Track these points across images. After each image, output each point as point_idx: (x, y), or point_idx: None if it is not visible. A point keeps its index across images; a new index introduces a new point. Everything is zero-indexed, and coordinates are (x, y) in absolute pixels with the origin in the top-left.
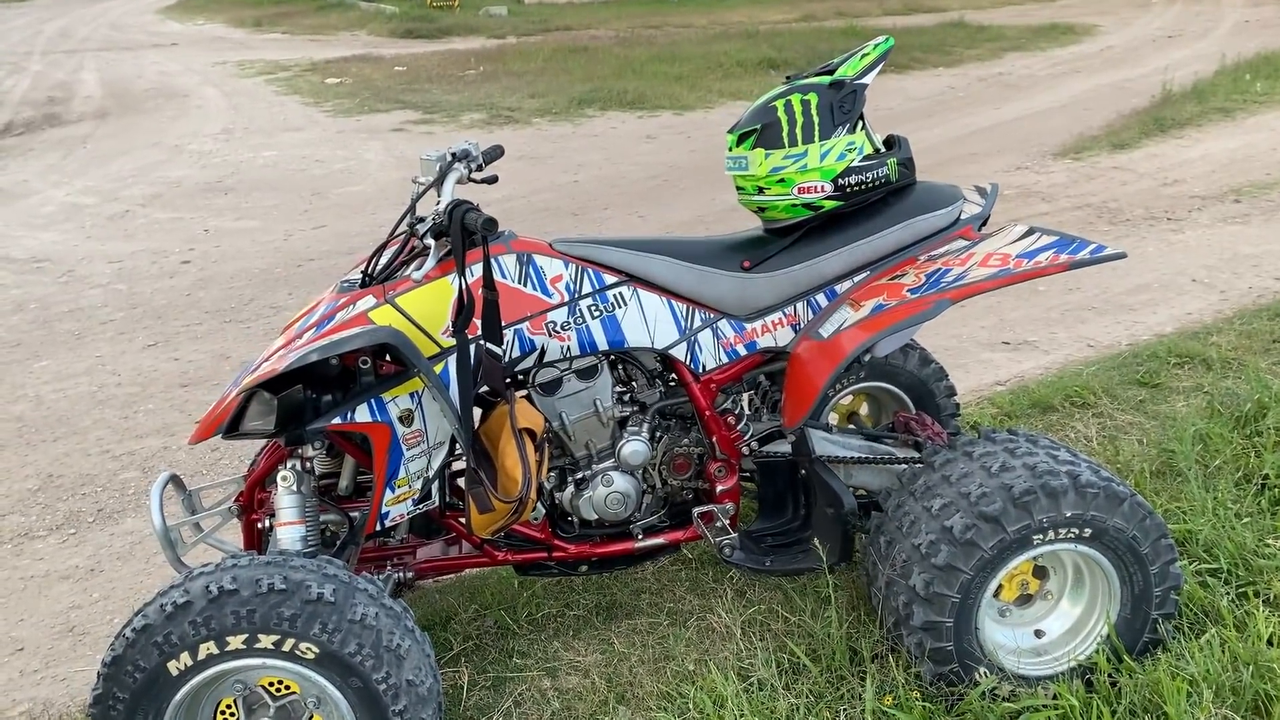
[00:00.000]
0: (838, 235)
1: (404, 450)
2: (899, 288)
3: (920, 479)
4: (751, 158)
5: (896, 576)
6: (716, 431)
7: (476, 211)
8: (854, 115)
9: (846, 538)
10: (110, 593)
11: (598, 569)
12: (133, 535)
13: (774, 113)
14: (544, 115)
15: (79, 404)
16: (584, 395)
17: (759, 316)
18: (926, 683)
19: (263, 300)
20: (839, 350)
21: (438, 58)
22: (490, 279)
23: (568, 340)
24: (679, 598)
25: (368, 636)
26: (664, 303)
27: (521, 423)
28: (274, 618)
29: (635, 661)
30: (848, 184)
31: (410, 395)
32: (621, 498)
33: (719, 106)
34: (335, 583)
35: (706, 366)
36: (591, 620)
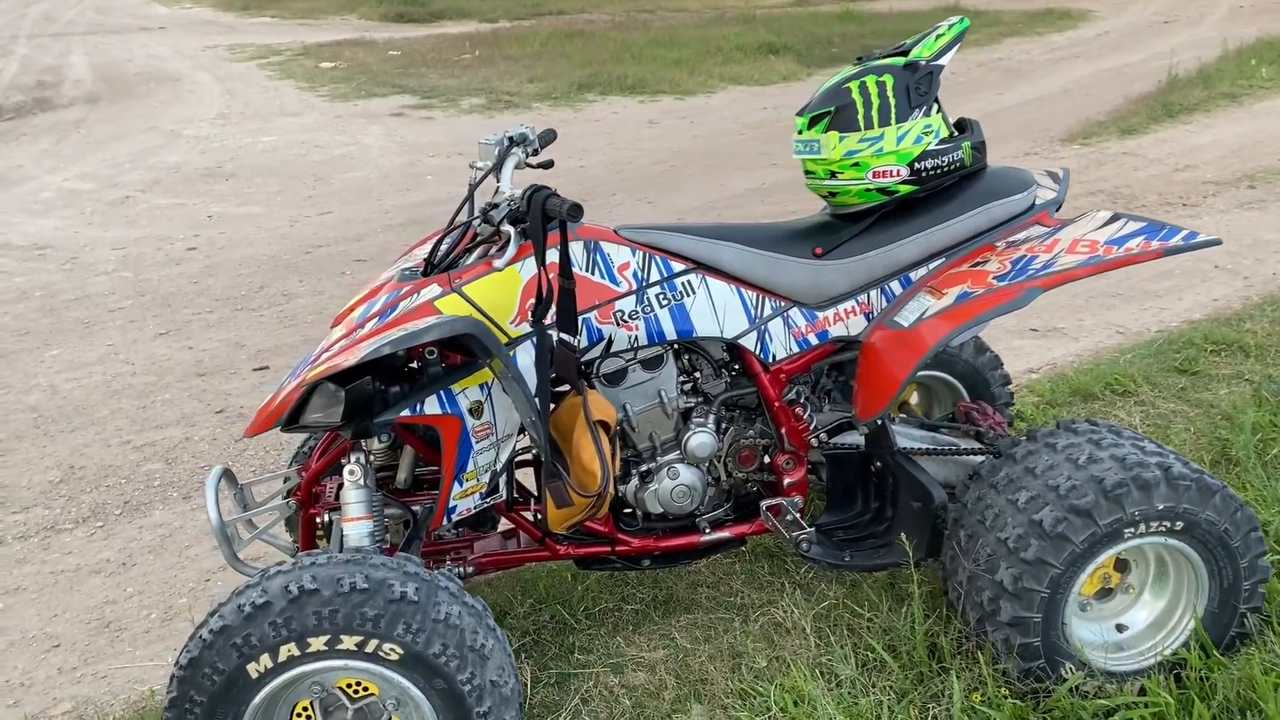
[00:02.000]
0: (912, 221)
1: (473, 443)
2: (983, 275)
3: (1001, 471)
4: (824, 141)
5: (981, 571)
6: (785, 423)
7: (557, 197)
8: (930, 97)
9: (935, 532)
10: (145, 587)
11: (661, 563)
12: (163, 528)
13: (848, 94)
14: (544, 100)
15: (94, 394)
16: (648, 386)
17: (831, 305)
18: (1013, 679)
19: (273, 288)
20: (923, 340)
21: (431, 42)
22: (568, 267)
23: (635, 330)
24: (736, 591)
25: (452, 636)
26: (733, 291)
27: (595, 415)
28: (356, 618)
29: (704, 657)
30: (924, 168)
31: (480, 387)
32: (687, 490)
33: (719, 91)
34: (417, 581)
35: (776, 356)
36: (650, 615)
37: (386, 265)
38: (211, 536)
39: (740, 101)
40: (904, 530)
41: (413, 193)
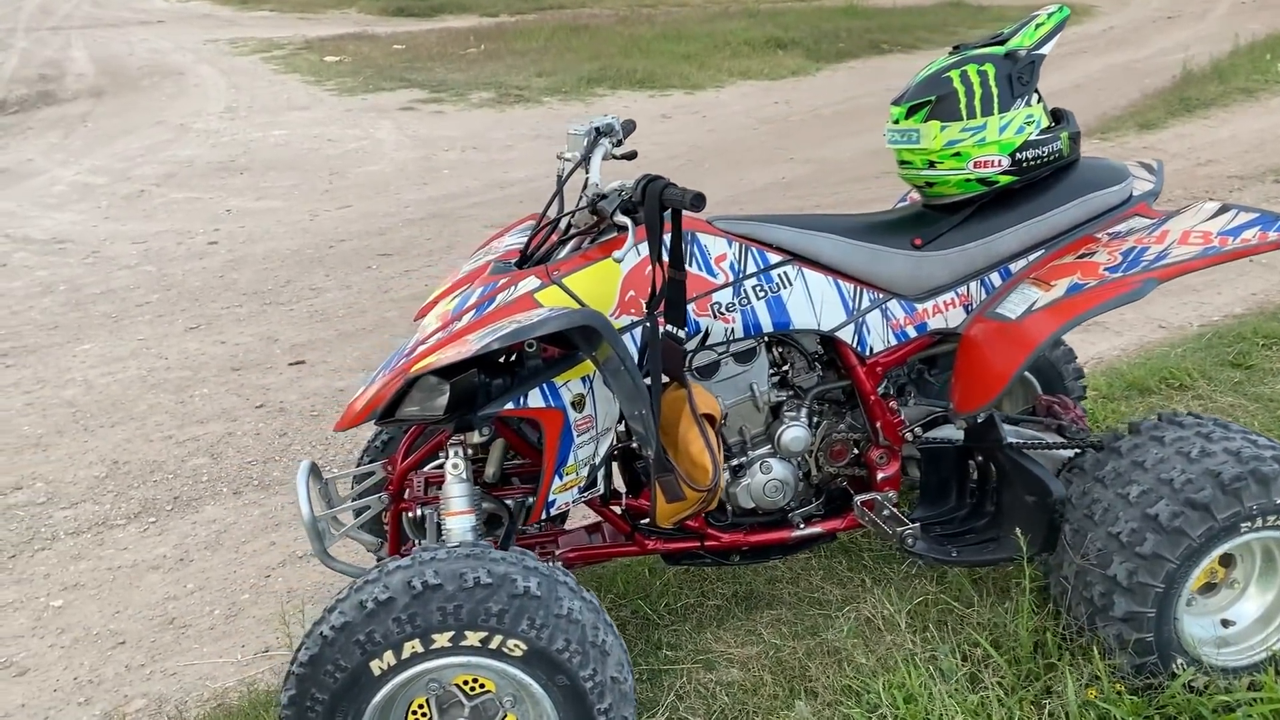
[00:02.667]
0: (1011, 212)
1: (574, 436)
2: (1093, 266)
3: (1107, 465)
4: (924, 130)
5: (1091, 565)
6: (881, 417)
7: (675, 186)
8: (1031, 87)
9: (1052, 527)
10: (205, 583)
11: (750, 559)
12: (216, 524)
13: (949, 83)
14: (554, 94)
15: (130, 388)
16: (740, 379)
17: (930, 297)
18: (1125, 675)
19: (300, 282)
20: (1034, 333)
21: (435, 36)
22: (680, 258)
23: (732, 322)
24: (817, 586)
25: (574, 632)
26: (830, 282)
27: (700, 408)
28: (481, 613)
29: (801, 653)
30: (1025, 158)
31: (582, 379)
32: (779, 485)
33: (729, 86)
34: (538, 575)
35: (874, 349)
36: (732, 610)
37: (412, 259)
38: (267, 532)
39: (751, 96)
40: (1016, 525)
41: (430, 187)
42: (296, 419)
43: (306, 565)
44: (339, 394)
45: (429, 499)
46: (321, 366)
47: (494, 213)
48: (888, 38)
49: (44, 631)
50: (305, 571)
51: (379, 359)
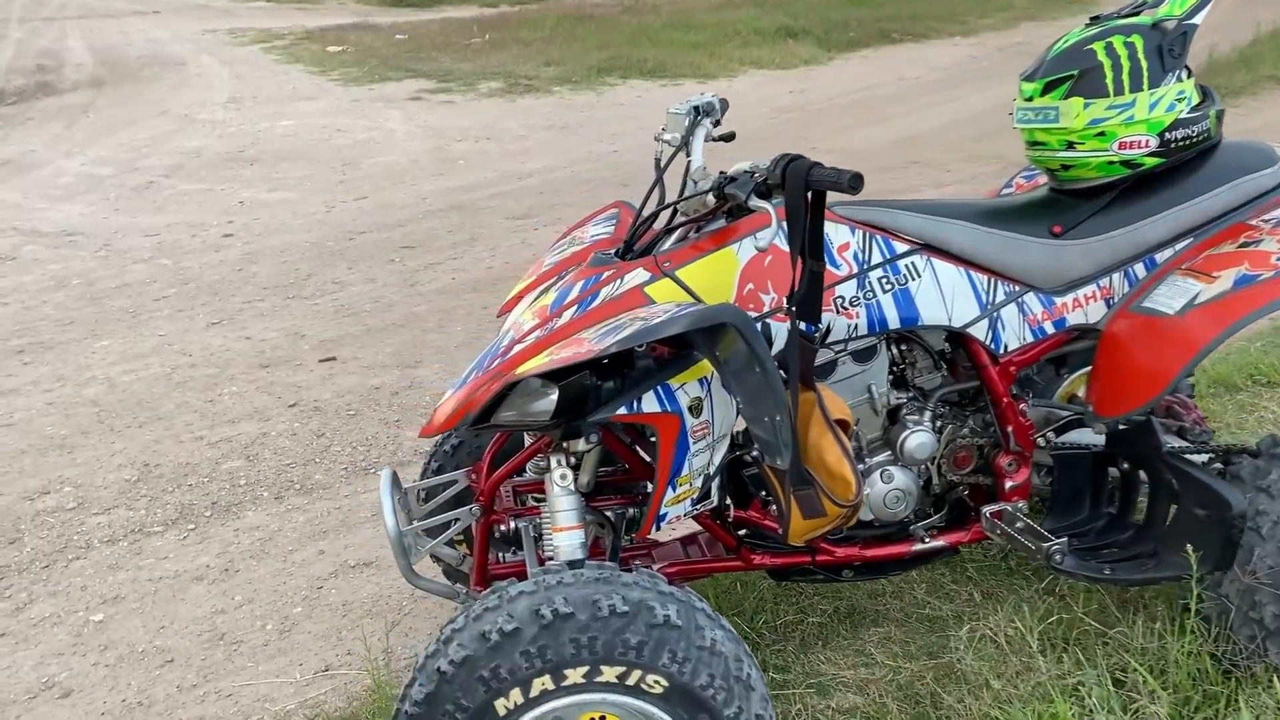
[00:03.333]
0: (1157, 197)
1: (690, 444)
2: (1262, 256)
3: (1273, 473)
4: (1065, 108)
5: (1262, 584)
6: (1013, 421)
7: (822, 166)
8: (1183, 60)
9: (1229, 544)
10: (253, 595)
11: (865, 574)
12: (260, 531)
13: (1093, 56)
14: (564, 84)
15: (155, 386)
16: (858, 380)
17: (1070, 289)
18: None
19: (323, 275)
20: (1202, 330)
21: (438, 25)
22: (820, 248)
23: (856, 318)
24: (923, 601)
25: (717, 665)
26: (962, 273)
27: (833, 413)
28: (618, 645)
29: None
30: (1174, 139)
31: (699, 382)
32: (901, 495)
33: (741, 75)
34: (675, 602)
35: (1008, 346)
36: (836, 629)
37: (436, 252)
38: (314, 540)
39: (764, 86)
40: (1184, 540)
41: (446, 178)
42: (333, 419)
43: (360, 576)
44: (374, 392)
45: (523, 510)
46: (353, 363)
47: (514, 204)
48: (897, 27)
49: (85, 649)
50: (359, 582)
51: (412, 355)
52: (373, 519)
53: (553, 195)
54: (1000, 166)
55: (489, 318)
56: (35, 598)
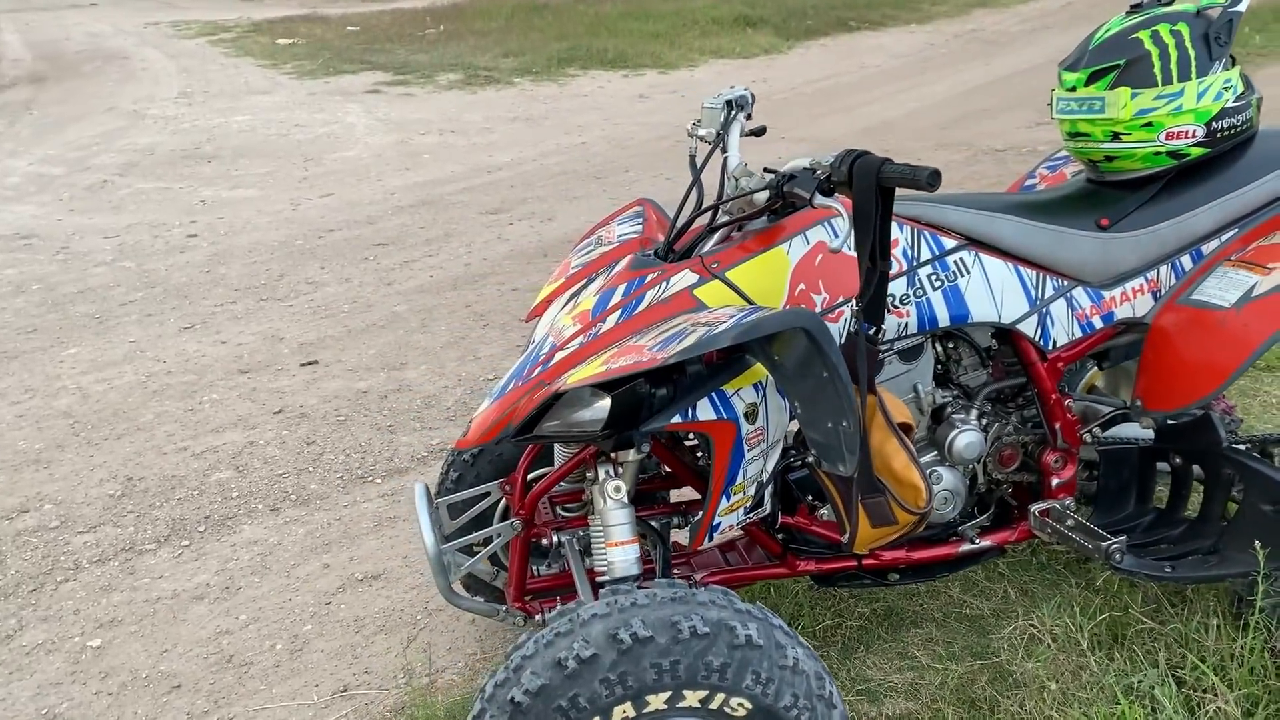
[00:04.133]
0: (1202, 187)
1: (745, 451)
2: None
3: None
4: (1112, 98)
5: None
6: (1060, 417)
7: (893, 161)
8: (1229, 48)
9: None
10: (258, 614)
11: (911, 578)
12: (259, 546)
13: (1140, 45)
14: (524, 75)
15: (131, 396)
16: (904, 379)
17: (1118, 283)
18: None
19: (295, 275)
20: (1263, 323)
21: (390, 16)
22: (888, 247)
23: (906, 316)
24: (960, 600)
25: (800, 684)
26: (1011, 269)
27: (895, 417)
28: (701, 669)
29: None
30: (1220, 128)
31: (754, 387)
32: (949, 496)
33: (703, 65)
34: (754, 620)
35: (1057, 342)
36: (876, 632)
37: (410, 249)
38: (317, 553)
39: (726, 75)
40: (1250, 536)
41: (413, 172)
42: (322, 425)
43: (370, 589)
44: (362, 396)
45: (564, 523)
46: (337, 366)
47: (486, 198)
48: (854, 15)
49: (85, 676)
50: (369, 597)
51: (397, 357)
52: (376, 529)
53: (524, 189)
54: (970, 153)
55: (473, 316)
56: (26, 624)
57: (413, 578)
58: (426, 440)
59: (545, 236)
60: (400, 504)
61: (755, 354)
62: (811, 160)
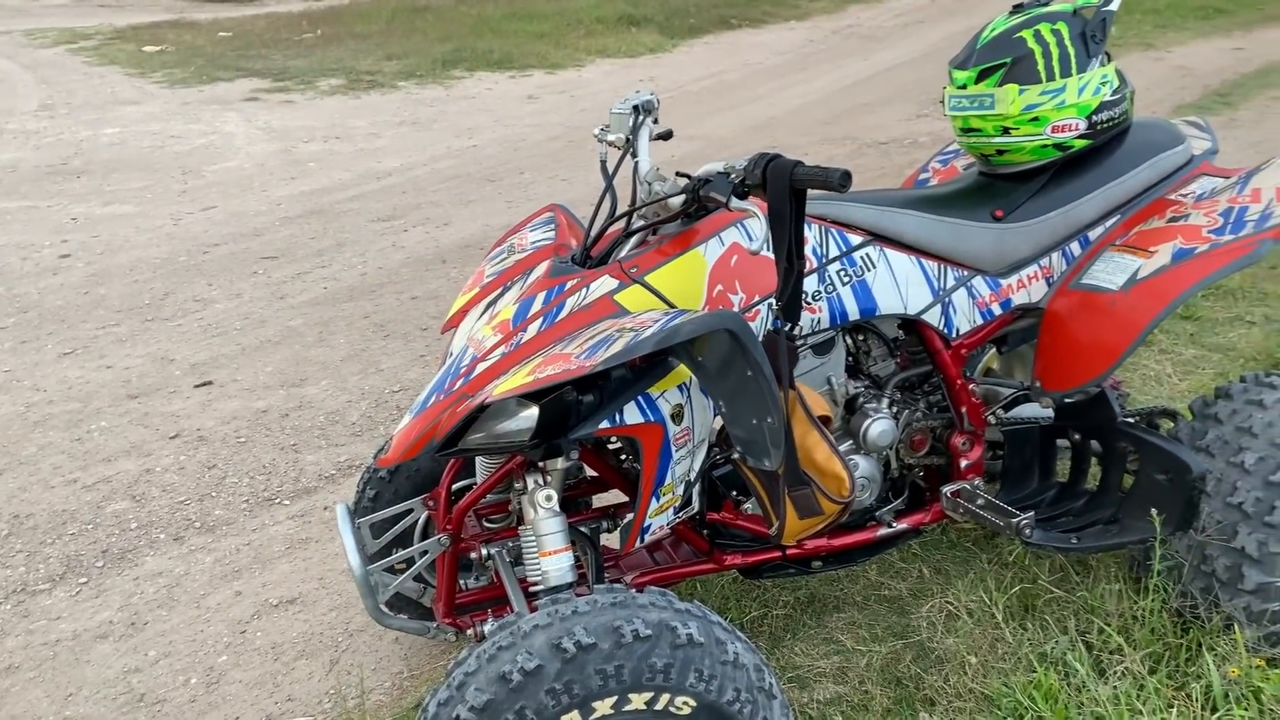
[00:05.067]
0: (1087, 177)
1: (673, 452)
2: (1194, 230)
3: (1209, 434)
4: (1001, 95)
5: (1212, 539)
6: (966, 401)
7: (805, 164)
8: (1104, 45)
9: (1190, 505)
10: (169, 649)
11: (833, 564)
12: (164, 577)
13: (1023, 44)
14: (409, 78)
15: (10, 428)
16: (817, 372)
17: (1013, 271)
18: (1253, 648)
19: (182, 293)
20: (1150, 304)
21: (263, 21)
22: (803, 247)
23: (819, 312)
24: (877, 582)
25: (741, 678)
26: (914, 262)
27: (814, 410)
28: (645, 671)
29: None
30: (1100, 120)
31: (679, 388)
32: (866, 483)
33: (590, 65)
34: (694, 619)
35: (960, 330)
36: (801, 619)
37: (301, 261)
38: (227, 580)
39: (614, 75)
40: (1147, 505)
41: (299, 181)
42: (222, 448)
43: (286, 614)
44: (261, 416)
45: (492, 535)
46: (233, 386)
47: (377, 205)
48: (735, 13)
49: None
50: (286, 622)
51: (295, 373)
52: (288, 552)
53: (416, 194)
54: (855, 147)
55: (373, 327)
56: None
57: (330, 599)
58: (334, 457)
59: (442, 242)
60: (312, 525)
61: (679, 356)
62: (725, 164)
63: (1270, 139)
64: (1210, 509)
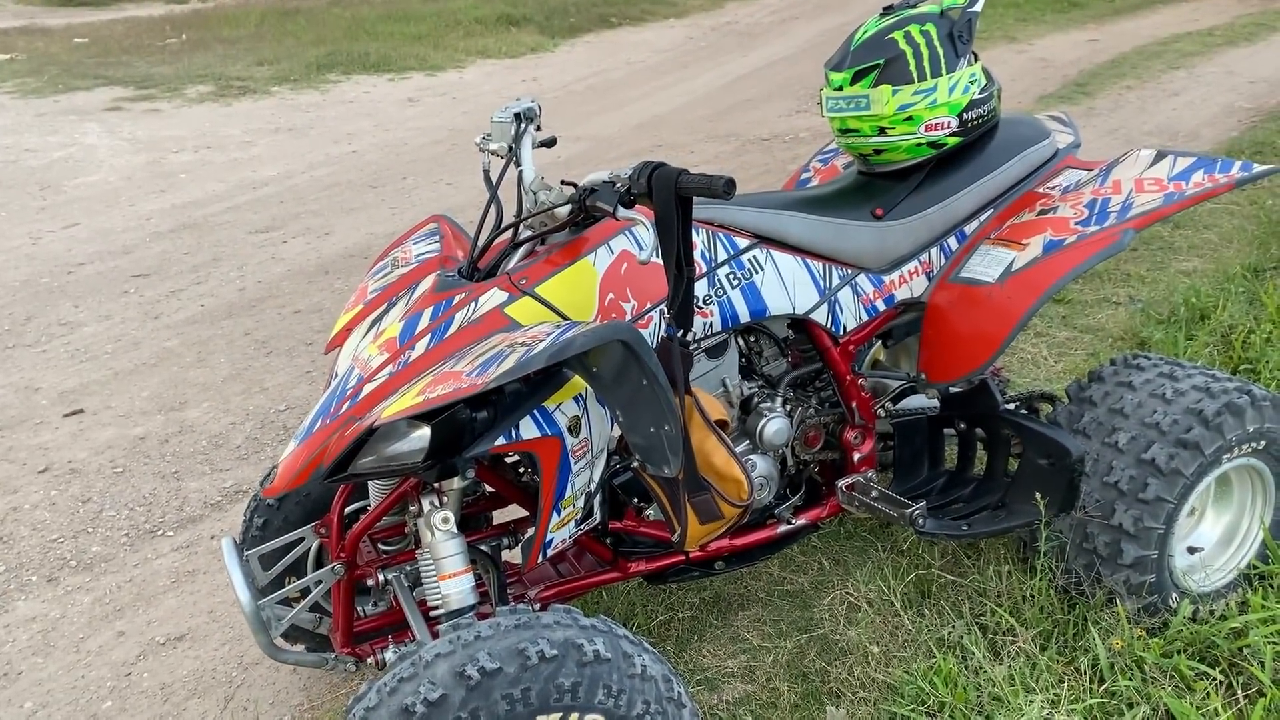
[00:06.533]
0: (961, 173)
1: (572, 464)
2: (1062, 222)
3: (1085, 416)
4: (875, 96)
5: (1092, 517)
6: (856, 396)
7: (690, 173)
8: (971, 45)
9: (1072, 487)
10: (47, 699)
11: (735, 564)
12: (37, 622)
13: (895, 46)
14: (282, 83)
15: None
16: (712, 375)
17: (895, 267)
18: (1133, 618)
19: (45, 317)
20: (1025, 294)
21: (122, 26)
22: (691, 253)
23: (710, 315)
24: (780, 578)
25: (650, 690)
26: (800, 263)
27: (711, 415)
28: (553, 692)
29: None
30: (970, 118)
31: (575, 400)
32: (764, 481)
33: (470, 66)
34: (599, 634)
35: (847, 327)
36: (707, 620)
37: (176, 278)
38: (108, 621)
39: (496, 76)
40: (1031, 489)
41: (169, 194)
42: (97, 480)
43: (174, 652)
44: (139, 443)
45: (389, 560)
46: (106, 414)
47: (254, 216)
48: (615, 11)
49: None
50: (174, 660)
51: (174, 397)
52: (174, 586)
53: (295, 204)
54: (739, 144)
55: (255, 345)
56: None
57: (222, 633)
58: (219, 484)
59: (324, 253)
60: (199, 555)
61: (573, 367)
62: (610, 173)
63: (1125, 126)
64: (1089, 489)
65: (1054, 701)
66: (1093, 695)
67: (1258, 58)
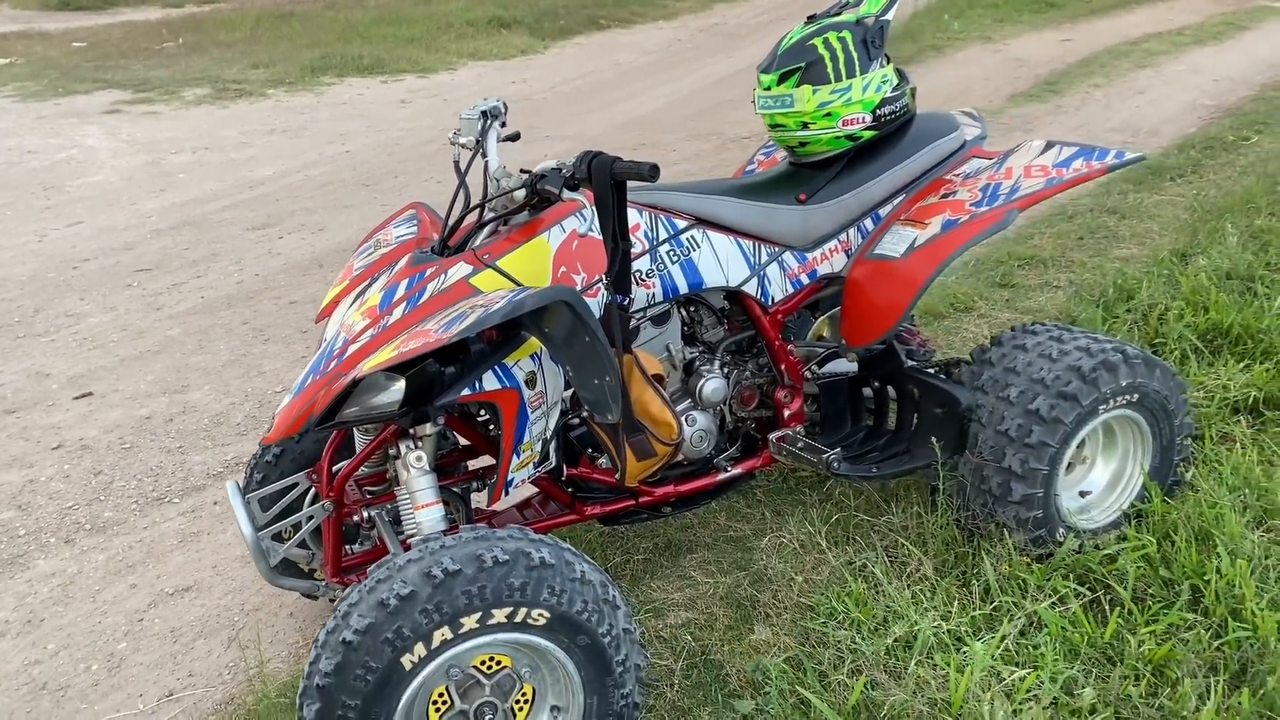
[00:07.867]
0: (875, 163)
1: (529, 414)
2: (959, 204)
3: (984, 374)
4: (798, 95)
5: (988, 461)
6: (784, 360)
7: (623, 160)
8: (882, 50)
9: (962, 431)
10: (68, 641)
11: (681, 508)
12: (58, 577)
13: (815, 51)
14: (277, 86)
15: None
16: (658, 341)
17: (817, 246)
18: (1023, 549)
19: (53, 309)
20: (923, 267)
21: (120, 30)
22: (627, 230)
23: (652, 288)
24: (726, 525)
25: (589, 592)
26: (732, 241)
27: (649, 370)
28: (504, 590)
29: (746, 585)
30: (883, 114)
31: (531, 357)
32: (704, 434)
33: (462, 68)
34: (546, 546)
35: (775, 299)
36: (659, 562)
37: (176, 272)
38: (121, 575)
39: (486, 77)
40: (929, 435)
41: (169, 193)
42: (107, 455)
43: (182, 601)
44: (145, 422)
45: (372, 500)
46: (114, 396)
47: (251, 214)
48: (604, 13)
49: None
50: (182, 608)
51: (177, 380)
52: (181, 545)
53: (290, 202)
54: (719, 142)
55: (253, 333)
56: None
57: (226, 584)
58: (220, 457)
59: (318, 247)
60: (203, 519)
61: (529, 329)
62: (558, 161)
63: (1089, 123)
64: (984, 437)
65: (945, 616)
66: (980, 610)
67: (1224, 56)
